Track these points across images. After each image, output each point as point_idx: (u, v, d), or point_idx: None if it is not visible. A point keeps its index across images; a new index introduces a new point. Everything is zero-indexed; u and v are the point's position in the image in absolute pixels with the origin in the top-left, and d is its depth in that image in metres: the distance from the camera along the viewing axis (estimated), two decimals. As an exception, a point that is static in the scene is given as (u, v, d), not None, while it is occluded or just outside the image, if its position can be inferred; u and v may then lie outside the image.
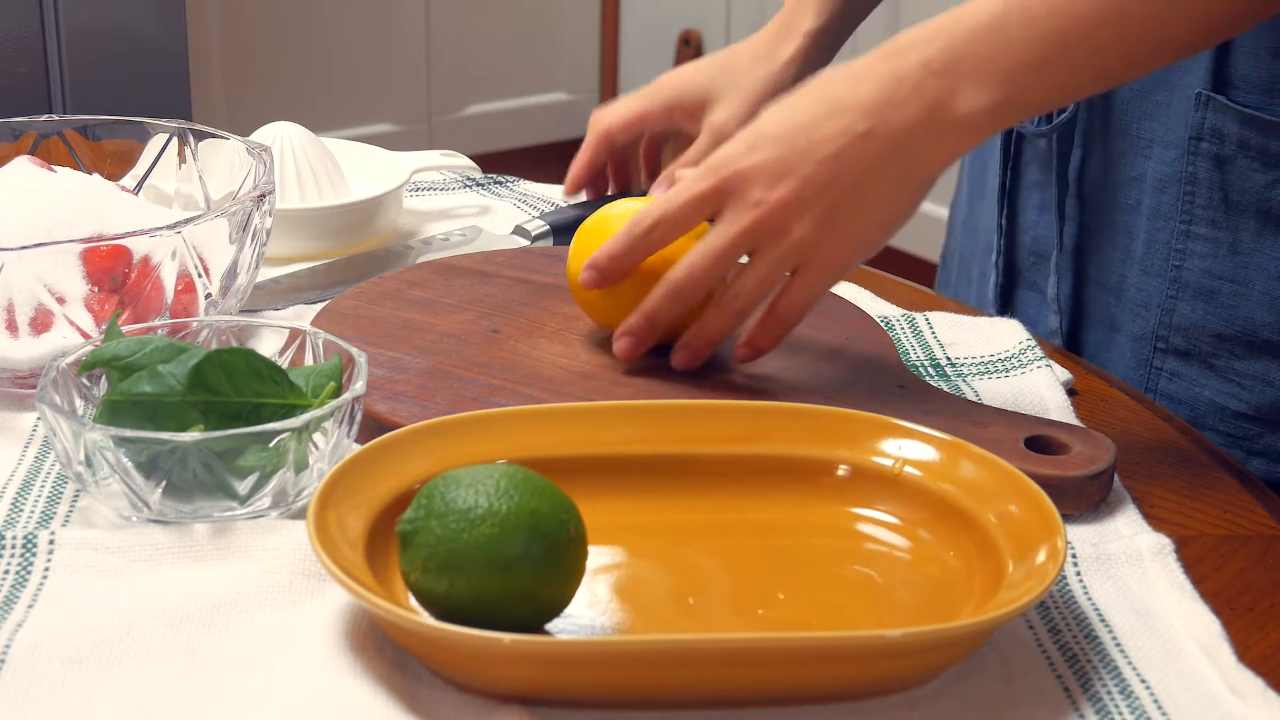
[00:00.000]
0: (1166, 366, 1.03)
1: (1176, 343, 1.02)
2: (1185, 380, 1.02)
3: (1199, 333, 1.01)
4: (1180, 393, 1.03)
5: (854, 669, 0.65)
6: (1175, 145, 1.00)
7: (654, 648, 0.65)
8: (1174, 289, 1.01)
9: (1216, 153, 0.98)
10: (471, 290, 1.01)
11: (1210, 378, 1.01)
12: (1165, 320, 1.02)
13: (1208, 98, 0.98)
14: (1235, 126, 0.97)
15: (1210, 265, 1.00)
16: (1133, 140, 1.03)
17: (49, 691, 0.64)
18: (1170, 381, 1.03)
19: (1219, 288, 1.00)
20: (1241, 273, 0.99)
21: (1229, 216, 0.99)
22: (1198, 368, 1.02)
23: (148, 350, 0.77)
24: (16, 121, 1.03)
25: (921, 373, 0.96)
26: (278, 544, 0.73)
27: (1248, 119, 0.97)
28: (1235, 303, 0.99)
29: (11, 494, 0.79)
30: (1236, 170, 0.98)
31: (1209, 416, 1.01)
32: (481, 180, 1.28)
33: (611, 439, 0.79)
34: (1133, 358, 1.05)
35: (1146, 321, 1.04)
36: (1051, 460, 0.81)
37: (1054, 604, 0.72)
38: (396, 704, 0.64)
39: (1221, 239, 0.99)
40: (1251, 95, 0.97)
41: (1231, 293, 0.99)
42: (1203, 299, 1.01)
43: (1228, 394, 1.01)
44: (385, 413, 0.84)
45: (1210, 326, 1.01)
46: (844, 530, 0.77)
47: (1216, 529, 0.81)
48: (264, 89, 3.22)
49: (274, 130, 1.15)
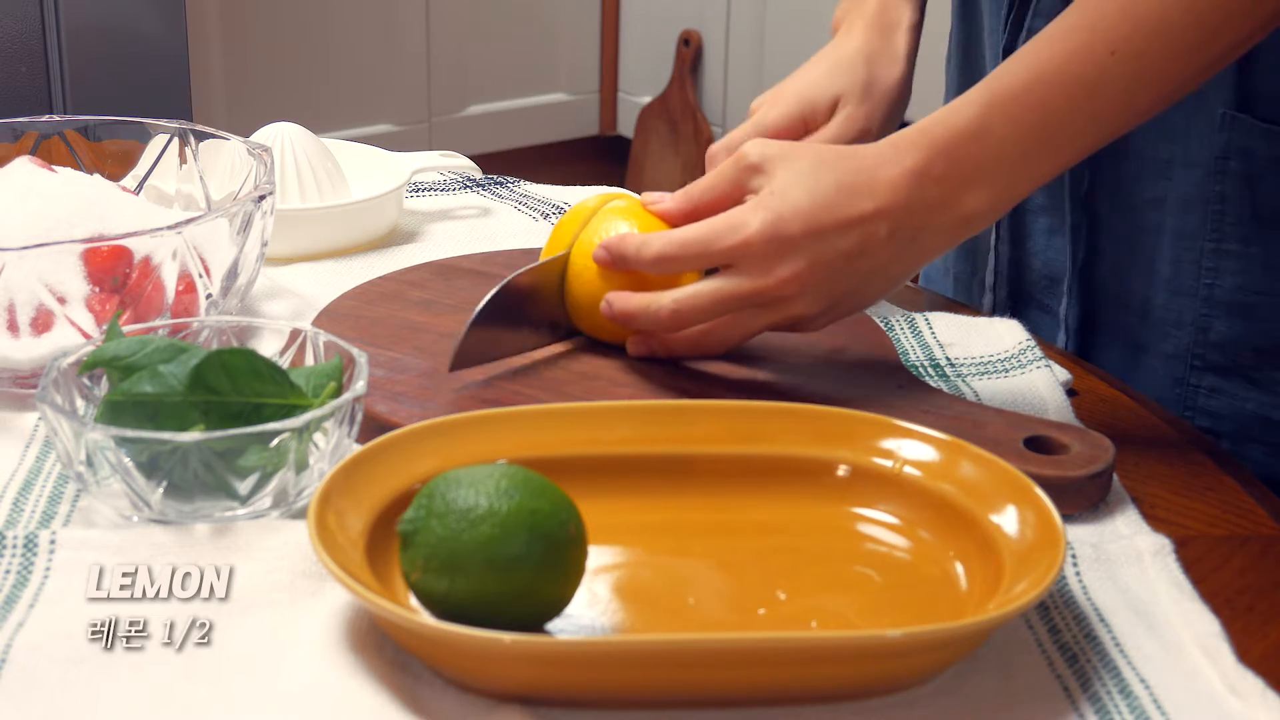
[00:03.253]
0: (1205, 383, 1.03)
1: (1214, 359, 1.02)
2: (1226, 396, 1.02)
3: (1238, 348, 1.01)
4: (1222, 408, 1.02)
5: (854, 669, 0.65)
6: (1199, 165, 1.00)
7: (654, 648, 0.65)
8: (1207, 307, 1.01)
9: (1245, 171, 0.98)
10: (471, 290, 1.00)
11: (1252, 391, 1.01)
12: (1201, 338, 1.02)
13: (1232, 117, 0.98)
14: (1264, 144, 0.97)
15: (1244, 281, 0.99)
16: (1149, 163, 1.03)
17: (49, 691, 0.64)
18: (1210, 398, 1.03)
19: (1256, 303, 0.99)
20: (1277, 285, 0.99)
21: (1260, 232, 0.98)
22: (1239, 383, 1.01)
23: (148, 350, 0.77)
24: (17, 122, 1.03)
25: (921, 373, 0.96)
26: (278, 544, 0.73)
27: (1276, 136, 0.97)
28: (1273, 315, 0.99)
29: (12, 494, 0.79)
30: (1267, 186, 0.97)
31: (1253, 429, 1.01)
32: (481, 181, 1.28)
33: (611, 439, 0.79)
34: (1166, 377, 1.04)
35: (1179, 340, 1.03)
36: (1051, 460, 0.81)
37: (1054, 604, 0.72)
38: (396, 704, 0.64)
39: (1254, 255, 0.99)
40: (1278, 111, 0.97)
41: (1270, 306, 0.99)
42: (1239, 315, 1.00)
43: (1271, 406, 1.00)
44: (385, 413, 0.84)
45: (1249, 341, 1.00)
46: (844, 530, 0.77)
47: (1216, 529, 0.81)
48: (264, 89, 3.22)
49: (274, 130, 1.15)
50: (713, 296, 0.87)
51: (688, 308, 0.87)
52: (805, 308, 0.86)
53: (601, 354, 0.92)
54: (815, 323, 0.88)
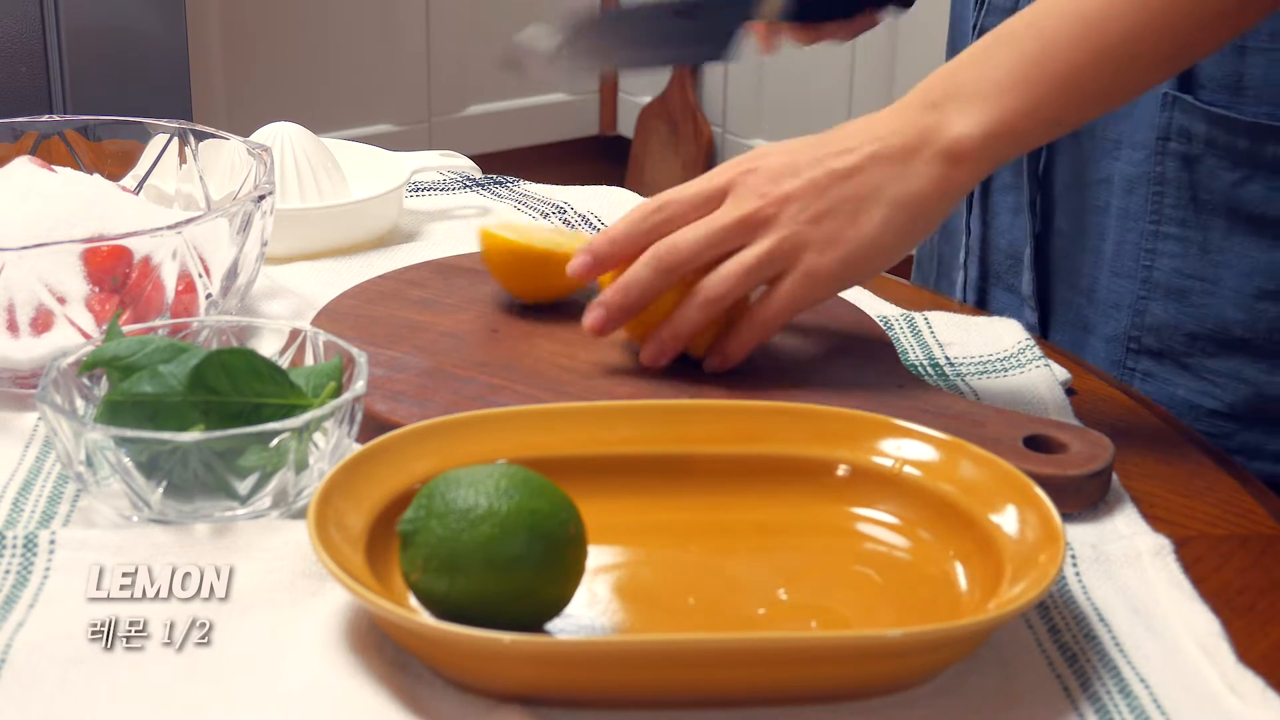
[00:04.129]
0: (1140, 367, 1.03)
1: (1149, 343, 1.03)
2: (1159, 380, 1.03)
3: (1171, 332, 1.02)
4: (1154, 393, 1.03)
5: (854, 669, 0.65)
6: (1143, 146, 1.01)
7: (654, 648, 0.65)
8: (1145, 289, 1.02)
9: (1184, 152, 0.99)
10: (471, 290, 1.01)
11: (1184, 377, 1.02)
12: (1137, 321, 1.03)
13: (1174, 98, 0.99)
14: (1203, 126, 0.98)
15: (1181, 264, 1.00)
16: (1100, 141, 1.04)
17: (49, 691, 0.64)
18: (1144, 382, 1.04)
19: (1190, 287, 1.00)
20: (1212, 271, 0.99)
21: (1198, 215, 0.99)
22: (1171, 367, 1.02)
23: (148, 350, 0.77)
24: (17, 121, 1.03)
25: (920, 372, 0.96)
26: (278, 544, 0.73)
27: (1215, 118, 0.97)
28: (1207, 301, 1.00)
29: (12, 494, 0.79)
30: (1205, 169, 0.98)
31: (1184, 416, 1.02)
32: (481, 180, 1.28)
33: (611, 439, 0.79)
34: (1106, 359, 1.05)
35: (1118, 322, 1.04)
36: (1050, 459, 0.81)
37: (1054, 604, 0.72)
38: (396, 704, 0.64)
39: (1191, 238, 1.00)
40: (1218, 95, 0.97)
41: (1203, 291, 1.00)
42: (1174, 298, 1.01)
43: (1202, 392, 1.01)
44: (385, 412, 0.84)
45: (1183, 326, 1.01)
46: (844, 530, 0.77)
47: (1216, 529, 0.81)
48: (264, 89, 3.22)
49: (274, 130, 1.15)
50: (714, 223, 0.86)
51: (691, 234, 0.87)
52: (800, 225, 0.85)
53: (602, 354, 0.92)
54: (811, 255, 0.86)
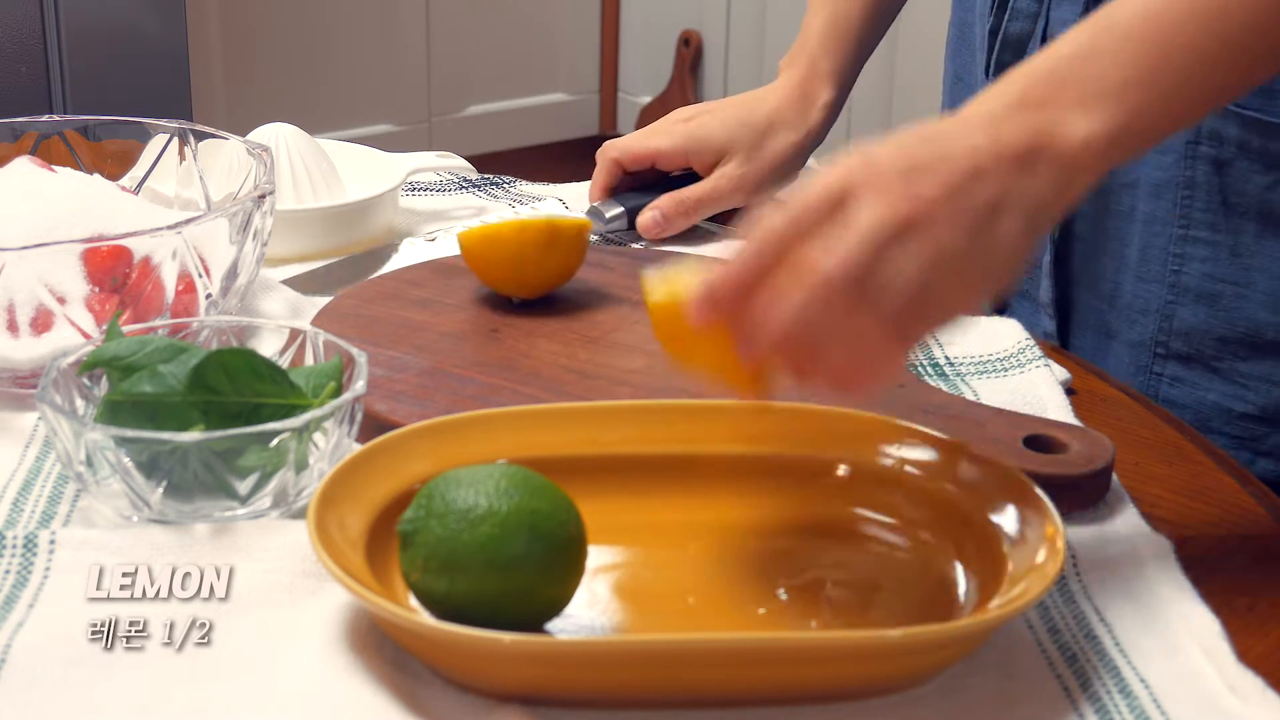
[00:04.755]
0: (1168, 372, 1.03)
1: (1178, 348, 1.02)
2: (1188, 385, 1.02)
3: (1201, 336, 1.01)
4: (1183, 398, 1.02)
5: (854, 669, 0.65)
6: (1171, 150, 1.00)
7: (654, 648, 0.65)
8: (1173, 294, 1.01)
9: (1215, 156, 0.98)
10: (471, 290, 1.01)
11: (1214, 381, 1.01)
12: (1165, 325, 1.02)
13: None
14: (1235, 129, 0.97)
15: (1211, 269, 1.00)
16: None
17: (49, 691, 0.64)
18: (1172, 387, 1.03)
19: (1221, 290, 1.00)
20: (1243, 274, 0.99)
21: (1229, 219, 0.99)
22: (1200, 372, 1.02)
23: (148, 350, 0.77)
24: (17, 121, 1.03)
25: (921, 372, 0.96)
26: (278, 544, 0.73)
27: (1248, 121, 0.97)
28: (1238, 305, 0.99)
29: (12, 494, 0.79)
30: (1236, 173, 0.98)
31: (1214, 420, 1.01)
32: (478, 181, 1.28)
33: (611, 439, 0.79)
34: (1131, 364, 1.05)
35: (1145, 328, 1.04)
36: (1050, 459, 0.81)
37: (1054, 604, 0.72)
38: (396, 704, 0.64)
39: (1222, 242, 0.99)
40: (1251, 98, 0.97)
41: (1234, 295, 0.99)
42: (1204, 303, 1.01)
43: (1233, 396, 1.01)
44: (385, 412, 0.84)
45: (1213, 330, 1.01)
46: (844, 530, 0.77)
47: (1216, 529, 0.81)
48: (264, 89, 3.22)
49: (269, 131, 1.15)
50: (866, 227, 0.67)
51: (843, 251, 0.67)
52: (959, 237, 0.68)
53: (602, 354, 0.92)
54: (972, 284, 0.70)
